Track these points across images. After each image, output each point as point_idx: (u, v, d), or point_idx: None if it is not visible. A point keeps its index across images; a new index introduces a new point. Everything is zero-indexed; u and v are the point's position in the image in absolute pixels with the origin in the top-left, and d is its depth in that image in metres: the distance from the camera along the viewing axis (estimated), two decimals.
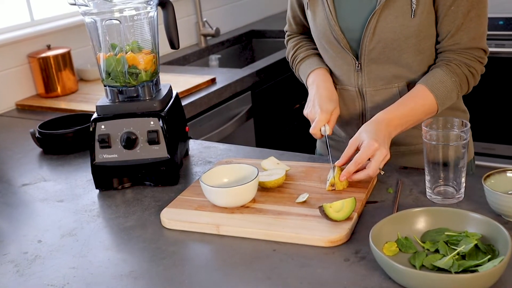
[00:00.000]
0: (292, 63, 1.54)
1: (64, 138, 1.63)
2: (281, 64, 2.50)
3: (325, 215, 1.08)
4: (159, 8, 1.40)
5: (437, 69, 1.30)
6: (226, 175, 1.25)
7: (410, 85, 1.34)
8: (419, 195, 1.21)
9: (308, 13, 1.42)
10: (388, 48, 1.31)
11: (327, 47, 1.40)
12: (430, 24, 1.29)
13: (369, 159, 1.19)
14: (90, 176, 1.45)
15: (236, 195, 1.16)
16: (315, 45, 1.48)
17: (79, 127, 1.65)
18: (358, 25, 1.33)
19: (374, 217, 1.12)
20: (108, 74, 1.35)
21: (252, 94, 2.36)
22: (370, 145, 1.18)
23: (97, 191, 1.38)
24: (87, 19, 1.35)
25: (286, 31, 1.60)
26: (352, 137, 1.24)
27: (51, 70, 2.18)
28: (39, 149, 1.68)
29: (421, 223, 1.04)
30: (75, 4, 1.29)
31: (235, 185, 1.19)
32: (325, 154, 1.55)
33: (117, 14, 1.34)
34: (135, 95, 1.36)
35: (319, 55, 1.48)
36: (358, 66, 1.37)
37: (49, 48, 2.23)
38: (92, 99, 2.12)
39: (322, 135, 1.34)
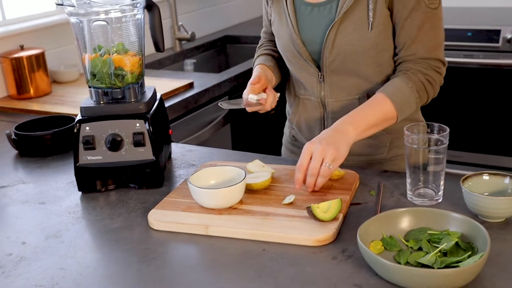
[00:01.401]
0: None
1: (42, 140, 1.61)
2: None
3: (313, 215, 1.11)
4: (145, 10, 1.41)
5: (395, 78, 1.34)
6: (213, 177, 1.27)
7: (369, 95, 1.38)
8: (400, 197, 1.25)
9: (273, 28, 1.48)
10: (348, 60, 1.36)
11: (291, 59, 1.45)
12: (387, 36, 1.34)
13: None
14: (71, 178, 1.44)
15: (224, 197, 1.18)
16: (274, 46, 1.56)
17: (57, 129, 1.63)
18: (318, 37, 1.38)
19: (358, 218, 1.16)
20: (94, 75, 1.36)
21: (230, 99, 2.38)
22: (318, 150, 1.20)
23: (80, 193, 1.37)
24: (73, 20, 1.35)
25: (261, 32, 1.67)
26: None
27: (23, 71, 2.15)
28: (14, 151, 1.65)
29: (405, 223, 1.08)
30: (62, 5, 1.29)
31: (222, 186, 1.21)
32: (289, 158, 1.60)
33: (103, 16, 1.34)
34: (120, 97, 1.37)
35: (268, 55, 1.55)
36: (320, 77, 1.42)
37: (22, 48, 2.20)
38: (66, 101, 2.10)
39: (249, 102, 1.40)
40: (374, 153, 1.47)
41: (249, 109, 1.42)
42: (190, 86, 2.23)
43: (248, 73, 2.48)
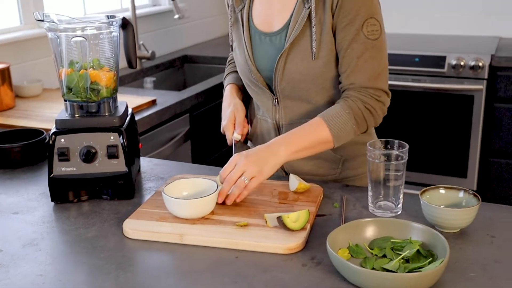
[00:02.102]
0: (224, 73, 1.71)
1: (11, 153, 1.62)
2: (218, 89, 2.60)
3: (283, 225, 1.18)
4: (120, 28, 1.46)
5: (335, 104, 1.41)
6: (186, 188, 1.32)
7: None
8: (362, 209, 1.33)
9: (235, 53, 1.56)
10: (298, 88, 1.44)
11: (248, 83, 1.53)
12: (334, 65, 1.41)
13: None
14: (42, 189, 1.47)
15: (198, 207, 1.24)
16: None
17: (26, 142, 1.65)
18: (270, 65, 1.45)
19: (324, 228, 1.23)
20: (69, 89, 1.39)
21: (190, 117, 2.44)
22: (239, 162, 1.28)
23: (52, 204, 1.39)
24: (51, 35, 1.38)
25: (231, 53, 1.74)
26: None
27: None
28: None
29: (369, 232, 1.16)
30: (42, 20, 1.33)
31: (195, 197, 1.26)
32: None
33: (79, 32, 1.38)
34: (95, 110, 1.40)
35: (236, 72, 1.63)
36: (275, 101, 1.49)
37: None
38: (30, 115, 2.11)
39: (236, 140, 1.50)
40: (326, 174, 1.54)
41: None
42: (153, 103, 2.27)
43: (208, 92, 2.56)
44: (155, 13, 3.18)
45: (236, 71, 1.63)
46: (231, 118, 1.53)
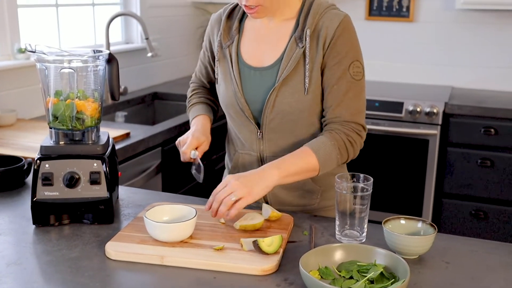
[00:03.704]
0: (187, 104, 1.77)
1: None
2: (189, 125, 2.69)
3: (258, 248, 1.27)
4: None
5: (321, 135, 1.52)
6: (166, 213, 1.40)
7: None
8: (330, 237, 1.44)
9: (218, 87, 1.64)
10: (285, 120, 1.55)
11: (233, 116, 1.61)
12: (319, 100, 1.54)
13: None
14: (23, 213, 1.52)
15: (178, 231, 1.31)
16: (209, 95, 1.74)
17: (6, 168, 1.70)
18: (260, 98, 1.56)
19: (295, 253, 1.33)
20: (55, 117, 1.46)
21: (162, 151, 2.52)
22: (229, 183, 1.37)
23: (33, 227, 1.44)
24: (39, 66, 1.46)
25: (192, 77, 1.83)
26: None
27: None
28: None
29: (338, 256, 1.26)
30: (34, 52, 1.41)
31: (176, 222, 1.34)
32: None
33: (66, 64, 1.47)
34: (79, 138, 1.48)
35: (207, 104, 1.72)
36: (259, 135, 1.59)
37: None
38: (6, 143, 2.15)
39: (190, 158, 1.56)
40: (307, 204, 1.64)
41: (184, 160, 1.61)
42: (127, 135, 2.35)
43: (180, 127, 2.64)
44: (128, 51, 3.29)
45: (203, 102, 1.72)
46: (197, 137, 1.58)
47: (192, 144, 1.57)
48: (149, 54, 2.96)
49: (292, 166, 1.45)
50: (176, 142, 1.63)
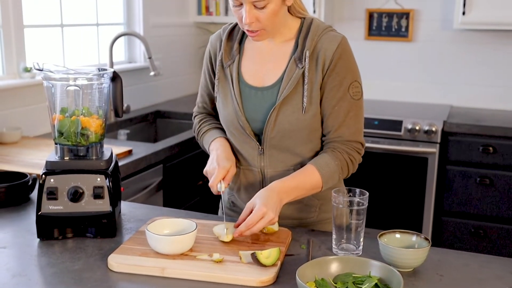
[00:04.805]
0: (197, 135, 1.78)
1: None
2: (191, 142, 2.74)
3: (257, 261, 1.30)
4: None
5: (324, 154, 1.58)
6: (167, 227, 1.44)
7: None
8: (327, 250, 1.47)
9: (218, 105, 1.67)
10: (285, 137, 1.59)
11: (234, 133, 1.65)
12: (318, 119, 1.59)
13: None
14: (28, 227, 1.55)
15: (179, 243, 1.35)
16: (217, 120, 1.74)
17: (11, 183, 1.74)
18: (261, 116, 1.60)
19: (292, 266, 1.36)
20: (61, 133, 1.51)
21: (164, 168, 2.56)
22: (259, 209, 1.42)
23: (37, 240, 1.48)
24: (46, 83, 1.51)
25: (194, 112, 1.84)
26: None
27: None
28: None
29: (334, 268, 1.29)
30: (41, 70, 1.46)
31: (176, 235, 1.37)
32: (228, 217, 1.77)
33: (72, 82, 1.52)
34: (83, 154, 1.52)
35: (219, 128, 1.73)
36: (261, 151, 1.63)
37: None
38: (10, 160, 2.20)
39: (218, 191, 1.56)
40: (305, 217, 1.68)
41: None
42: (129, 153, 2.39)
43: (181, 145, 2.69)
44: (131, 70, 3.35)
45: (215, 127, 1.73)
46: (223, 166, 1.57)
47: (218, 176, 1.55)
48: (152, 73, 3.02)
49: (300, 189, 1.53)
50: (204, 171, 1.62)
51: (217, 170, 1.55)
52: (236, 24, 1.66)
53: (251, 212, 1.44)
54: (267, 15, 1.48)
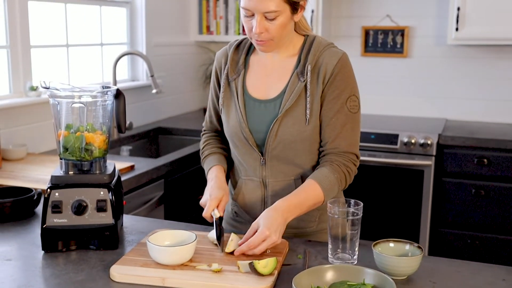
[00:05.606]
0: (201, 156, 1.84)
1: (2, 208, 1.76)
2: (192, 158, 2.80)
3: (254, 270, 1.35)
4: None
5: (323, 168, 1.63)
6: (167, 238, 1.48)
7: (303, 178, 1.68)
8: (323, 260, 1.52)
9: (223, 116, 1.73)
10: (287, 148, 1.65)
11: (237, 144, 1.71)
12: (319, 130, 1.65)
13: None
14: (33, 240, 1.60)
15: (179, 254, 1.40)
16: (222, 144, 1.80)
17: (17, 198, 1.79)
18: (263, 128, 1.66)
19: (289, 275, 1.40)
20: (66, 149, 1.57)
21: (165, 182, 2.61)
22: (262, 232, 1.46)
23: (42, 252, 1.53)
24: (52, 101, 1.57)
25: (203, 126, 1.90)
26: (254, 219, 1.54)
27: None
28: None
29: (329, 276, 1.34)
30: (48, 88, 1.52)
31: (177, 246, 1.42)
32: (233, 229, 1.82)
33: (77, 99, 1.58)
34: (87, 168, 1.58)
35: (221, 153, 1.78)
36: (263, 161, 1.69)
37: None
38: (16, 176, 2.25)
39: (212, 217, 1.60)
40: (305, 226, 1.73)
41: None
42: (131, 168, 2.45)
43: (182, 160, 2.74)
44: (134, 88, 3.42)
45: (215, 153, 1.78)
46: (215, 197, 1.62)
47: (211, 207, 1.60)
48: (154, 91, 3.08)
49: (303, 206, 1.58)
50: (200, 203, 1.68)
51: (209, 201, 1.61)
52: (242, 40, 1.73)
53: (255, 232, 1.49)
54: (276, 27, 1.55)
